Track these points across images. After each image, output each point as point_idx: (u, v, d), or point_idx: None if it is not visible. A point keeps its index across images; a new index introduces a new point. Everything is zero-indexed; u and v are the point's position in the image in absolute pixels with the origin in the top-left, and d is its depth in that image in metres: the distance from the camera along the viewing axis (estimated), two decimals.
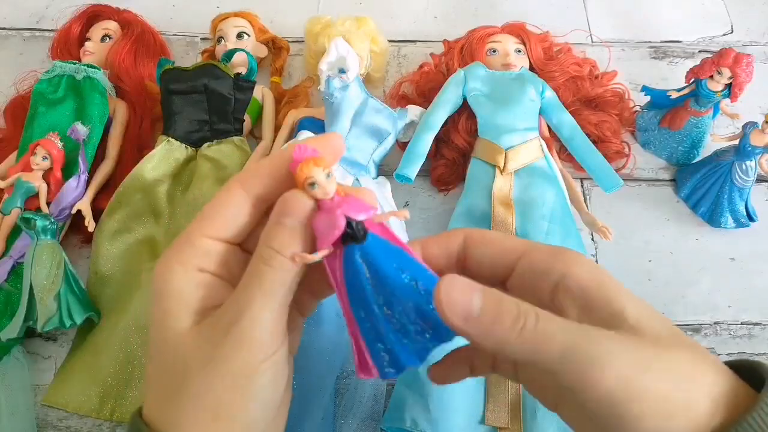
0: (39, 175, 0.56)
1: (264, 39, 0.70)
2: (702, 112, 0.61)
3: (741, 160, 0.57)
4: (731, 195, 0.59)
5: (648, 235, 0.61)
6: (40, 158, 0.56)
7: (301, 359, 0.49)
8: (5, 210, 0.55)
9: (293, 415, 0.48)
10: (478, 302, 0.23)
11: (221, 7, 0.73)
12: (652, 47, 0.74)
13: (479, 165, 0.58)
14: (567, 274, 0.25)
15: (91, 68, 0.62)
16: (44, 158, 0.56)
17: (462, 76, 0.62)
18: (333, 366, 0.50)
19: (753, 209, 0.60)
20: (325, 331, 0.50)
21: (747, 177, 0.58)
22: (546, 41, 0.67)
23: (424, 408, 0.46)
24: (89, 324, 0.53)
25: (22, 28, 0.75)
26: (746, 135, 0.56)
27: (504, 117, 0.59)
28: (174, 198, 0.59)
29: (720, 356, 0.55)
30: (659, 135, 0.64)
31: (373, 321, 0.25)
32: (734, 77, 0.57)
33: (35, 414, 0.50)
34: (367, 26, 0.64)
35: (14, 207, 0.55)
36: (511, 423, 0.47)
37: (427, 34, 0.75)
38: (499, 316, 0.23)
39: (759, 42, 0.75)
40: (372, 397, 0.50)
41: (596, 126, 0.63)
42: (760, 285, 0.58)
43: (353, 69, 0.58)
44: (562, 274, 0.25)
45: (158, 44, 0.69)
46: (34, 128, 0.59)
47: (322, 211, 0.24)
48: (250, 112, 0.64)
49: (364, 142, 0.59)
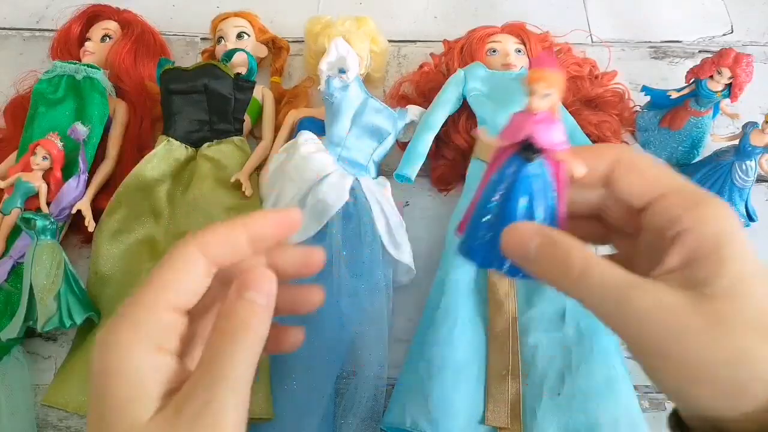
0: (39, 175, 0.56)
1: (264, 39, 0.70)
2: (702, 112, 0.61)
3: (741, 160, 0.57)
4: (731, 195, 0.59)
5: None
6: (40, 158, 0.56)
7: (301, 359, 0.49)
8: (5, 210, 0.55)
9: (293, 415, 0.48)
10: (535, 246, 0.24)
11: (221, 7, 0.73)
12: (652, 47, 0.74)
13: (479, 165, 0.58)
14: (692, 229, 0.23)
15: (91, 68, 0.62)
16: (44, 158, 0.56)
17: (462, 76, 0.62)
18: (333, 366, 0.50)
19: (753, 209, 0.60)
20: (325, 331, 0.50)
21: (747, 177, 0.57)
22: (546, 41, 0.67)
23: (424, 408, 0.46)
24: (89, 324, 0.53)
25: (22, 28, 0.75)
26: (746, 135, 0.56)
27: (504, 117, 0.58)
28: (174, 198, 0.59)
29: None
30: (659, 135, 0.64)
31: (483, 214, 0.27)
32: (734, 77, 0.57)
33: (35, 414, 0.50)
34: (367, 26, 0.64)
35: (14, 207, 0.55)
36: (511, 423, 0.47)
37: (427, 34, 0.75)
38: (552, 260, 0.24)
39: (759, 42, 0.75)
40: (372, 397, 0.50)
41: (596, 126, 0.63)
42: None
43: (353, 69, 0.58)
44: (688, 227, 0.23)
45: (158, 44, 0.69)
46: (34, 128, 0.59)
47: (529, 115, 0.26)
48: (250, 112, 0.64)
49: (364, 142, 0.59)
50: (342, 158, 0.58)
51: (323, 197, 0.53)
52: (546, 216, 0.27)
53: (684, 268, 0.23)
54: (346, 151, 0.58)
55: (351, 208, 0.55)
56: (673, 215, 0.24)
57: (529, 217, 0.26)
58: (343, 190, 0.55)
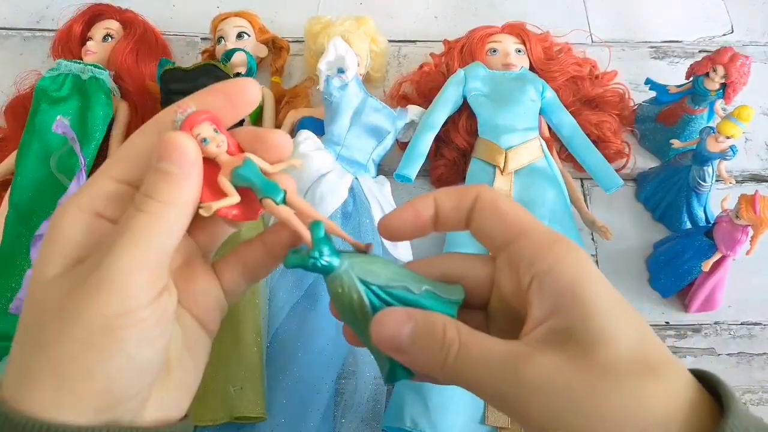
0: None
1: (264, 39, 0.70)
2: (696, 110, 0.61)
3: (698, 165, 0.56)
4: (689, 200, 0.58)
5: (648, 236, 0.61)
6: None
7: (302, 359, 0.49)
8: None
9: (293, 415, 0.48)
10: (409, 334, 0.23)
11: (221, 7, 0.73)
12: (652, 47, 0.74)
13: (479, 165, 0.58)
14: (548, 271, 0.23)
15: (97, 68, 0.62)
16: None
17: (462, 76, 0.62)
18: (333, 366, 0.50)
19: (712, 215, 0.59)
20: (325, 331, 0.50)
21: (704, 182, 0.56)
22: (546, 41, 0.67)
23: (424, 408, 0.46)
24: None
25: (22, 28, 0.75)
26: (703, 140, 0.55)
27: (504, 117, 0.59)
28: None
29: (720, 356, 0.55)
30: (654, 129, 0.64)
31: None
32: (728, 76, 0.57)
33: None
34: (367, 26, 0.64)
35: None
36: (511, 423, 0.47)
37: (427, 34, 0.75)
38: (426, 348, 0.23)
39: (759, 42, 0.75)
40: (372, 397, 0.50)
41: (596, 126, 0.63)
42: (760, 285, 0.58)
43: (352, 68, 0.58)
44: (544, 269, 0.23)
45: (160, 44, 0.69)
46: (36, 125, 0.59)
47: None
48: (250, 112, 0.64)
49: (364, 141, 0.59)
50: (341, 157, 0.58)
51: (321, 195, 0.53)
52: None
53: (549, 318, 0.23)
54: (346, 150, 0.58)
55: (350, 207, 0.56)
56: (528, 257, 0.24)
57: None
58: (342, 189, 0.55)
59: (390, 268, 0.25)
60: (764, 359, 0.55)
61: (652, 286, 0.58)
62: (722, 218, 0.52)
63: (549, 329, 0.22)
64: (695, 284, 0.55)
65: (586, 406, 0.21)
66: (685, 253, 0.55)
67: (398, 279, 0.25)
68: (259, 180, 0.24)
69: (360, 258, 0.25)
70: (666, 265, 0.56)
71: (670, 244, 0.57)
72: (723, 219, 0.52)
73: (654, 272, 0.58)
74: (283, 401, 0.48)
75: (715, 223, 0.53)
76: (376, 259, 0.26)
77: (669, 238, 0.59)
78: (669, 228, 0.60)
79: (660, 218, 0.61)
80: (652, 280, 0.58)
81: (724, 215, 0.52)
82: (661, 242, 0.59)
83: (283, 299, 0.52)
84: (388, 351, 0.24)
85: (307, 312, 0.51)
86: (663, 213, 0.60)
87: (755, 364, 0.55)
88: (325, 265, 0.24)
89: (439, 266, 0.27)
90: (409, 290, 0.25)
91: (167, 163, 0.22)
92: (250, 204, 0.25)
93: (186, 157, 0.22)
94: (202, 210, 0.23)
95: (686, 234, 0.57)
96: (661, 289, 0.57)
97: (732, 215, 0.50)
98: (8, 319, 0.51)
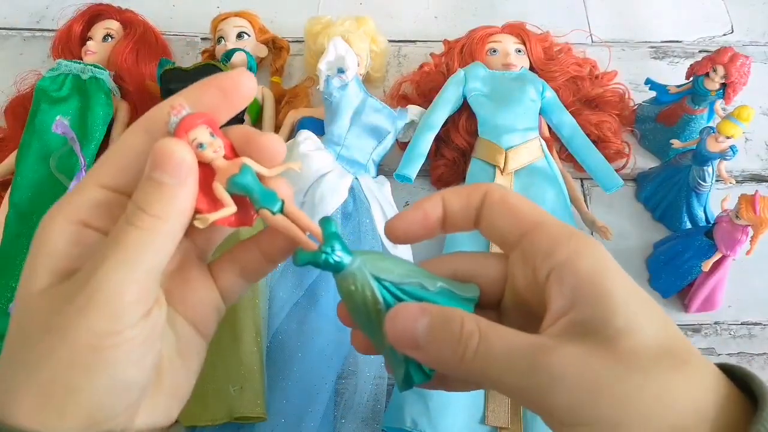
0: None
1: (264, 39, 0.70)
2: (696, 110, 0.61)
3: (698, 165, 0.56)
4: (689, 200, 0.58)
5: (648, 235, 0.61)
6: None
7: (302, 359, 0.49)
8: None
9: (293, 415, 0.48)
10: (425, 327, 0.22)
11: (221, 7, 0.73)
12: (652, 47, 0.74)
13: (479, 165, 0.58)
14: (566, 263, 0.22)
15: (98, 69, 0.62)
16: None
17: (462, 76, 0.62)
18: (333, 366, 0.50)
19: (712, 214, 0.58)
20: (325, 331, 0.50)
21: (704, 182, 0.56)
22: (546, 41, 0.67)
23: (424, 408, 0.46)
24: None
25: (22, 28, 0.75)
26: (703, 140, 0.54)
27: (504, 117, 0.59)
28: None
29: (720, 356, 0.55)
30: (654, 129, 0.64)
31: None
32: (728, 76, 0.57)
33: None
34: (367, 26, 0.64)
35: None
36: (511, 423, 0.47)
37: (427, 34, 0.75)
38: (444, 342, 0.22)
39: (759, 42, 0.75)
40: (372, 397, 0.50)
41: (596, 126, 0.63)
42: (760, 285, 0.58)
43: (352, 68, 0.58)
44: (562, 261, 0.23)
45: (160, 44, 0.69)
46: (36, 125, 0.59)
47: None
48: (250, 112, 0.64)
49: (364, 141, 0.59)
50: (341, 157, 0.58)
51: (321, 196, 0.53)
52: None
53: (570, 310, 0.22)
54: (346, 150, 0.58)
55: (350, 207, 0.56)
56: (544, 249, 0.23)
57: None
58: (342, 189, 0.55)
59: (402, 265, 0.25)
60: (764, 359, 0.55)
61: (651, 286, 0.58)
62: (722, 218, 0.52)
63: (571, 321, 0.22)
64: (695, 284, 0.55)
65: (614, 397, 0.20)
66: (685, 253, 0.55)
67: (412, 276, 0.24)
68: (256, 190, 0.23)
69: (371, 255, 0.24)
70: (666, 265, 0.56)
71: (670, 244, 0.57)
72: (723, 219, 0.52)
73: (654, 272, 0.58)
74: (283, 401, 0.48)
75: (715, 223, 0.53)
76: (388, 256, 0.25)
77: (669, 238, 0.59)
78: (669, 228, 0.60)
79: (660, 218, 0.61)
80: (652, 280, 0.58)
81: (724, 215, 0.52)
82: (661, 242, 0.59)
83: (283, 299, 0.52)
84: (404, 348, 0.23)
85: (307, 312, 0.51)
86: (663, 213, 0.60)
87: (755, 364, 0.55)
88: (338, 261, 0.23)
89: (448, 265, 0.26)
90: (424, 287, 0.24)
91: (161, 173, 0.21)
92: (246, 209, 0.24)
93: (181, 167, 0.21)
94: (197, 222, 0.22)
95: (686, 234, 0.57)
96: (661, 289, 0.57)
97: (732, 215, 0.50)
98: (8, 319, 0.51)
